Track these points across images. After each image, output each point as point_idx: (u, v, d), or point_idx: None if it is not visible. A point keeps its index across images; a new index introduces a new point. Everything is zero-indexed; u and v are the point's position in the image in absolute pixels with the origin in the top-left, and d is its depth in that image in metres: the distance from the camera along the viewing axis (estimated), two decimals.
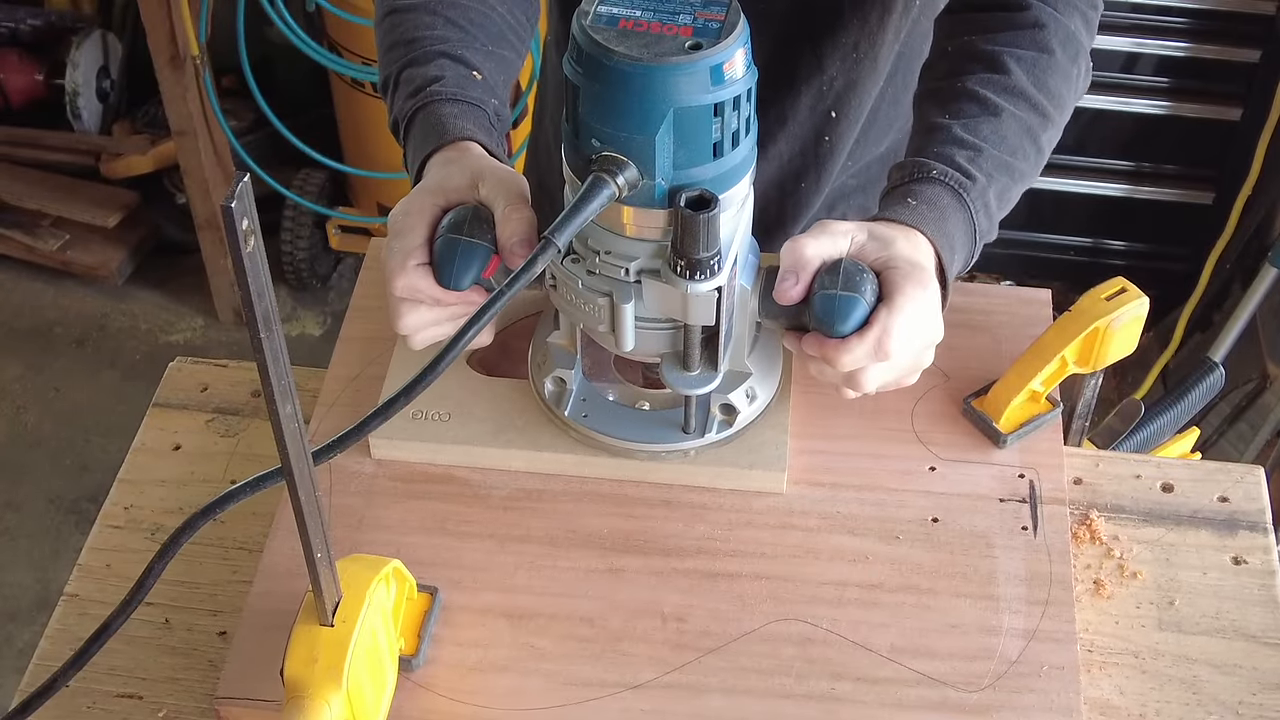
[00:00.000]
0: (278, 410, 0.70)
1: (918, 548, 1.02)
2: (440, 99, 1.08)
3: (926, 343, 0.99)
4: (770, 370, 1.07)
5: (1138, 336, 1.08)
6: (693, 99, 0.86)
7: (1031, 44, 1.10)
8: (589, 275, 0.95)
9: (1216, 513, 1.09)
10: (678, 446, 1.05)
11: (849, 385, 0.98)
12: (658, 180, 0.88)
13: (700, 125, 0.87)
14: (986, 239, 1.08)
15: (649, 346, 0.99)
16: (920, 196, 1.03)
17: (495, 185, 0.99)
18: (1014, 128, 1.08)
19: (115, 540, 1.08)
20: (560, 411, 1.06)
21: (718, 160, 0.89)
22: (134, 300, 3.16)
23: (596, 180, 0.88)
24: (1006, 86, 1.09)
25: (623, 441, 1.05)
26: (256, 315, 0.65)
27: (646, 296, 0.94)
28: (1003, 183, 1.07)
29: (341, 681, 0.82)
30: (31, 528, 2.69)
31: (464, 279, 0.97)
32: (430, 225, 0.99)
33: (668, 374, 1.00)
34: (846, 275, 0.95)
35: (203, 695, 0.98)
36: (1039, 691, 0.93)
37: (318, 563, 0.80)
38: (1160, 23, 2.61)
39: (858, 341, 0.94)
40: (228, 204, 0.59)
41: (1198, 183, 2.79)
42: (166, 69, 2.67)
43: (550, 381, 1.07)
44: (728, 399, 1.04)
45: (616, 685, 0.94)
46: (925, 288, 0.96)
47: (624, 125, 0.87)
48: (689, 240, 0.88)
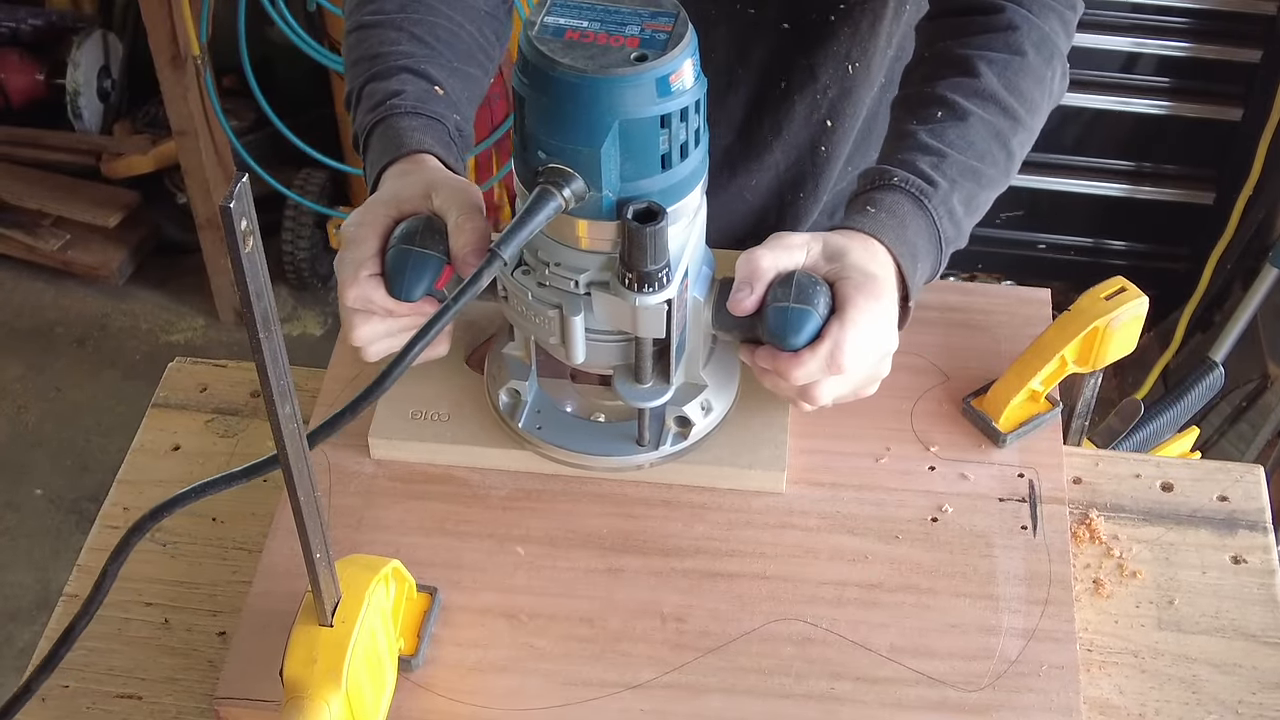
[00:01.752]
0: (277, 411, 0.70)
1: (917, 547, 1.02)
2: (400, 112, 1.08)
3: (881, 354, 0.98)
4: (727, 382, 1.06)
5: (1137, 336, 1.08)
6: (639, 111, 0.85)
7: (1004, 46, 1.09)
8: (539, 287, 0.95)
9: (1216, 512, 1.09)
10: (631, 460, 1.04)
11: (803, 399, 0.98)
12: (605, 192, 0.88)
13: (647, 137, 0.86)
14: (955, 245, 1.07)
15: (601, 359, 0.98)
16: (880, 204, 1.02)
17: (449, 196, 0.99)
18: (982, 132, 1.07)
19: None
20: (514, 423, 1.06)
21: (666, 172, 0.89)
22: (135, 300, 3.16)
23: (543, 192, 0.87)
24: (976, 90, 1.08)
25: (576, 454, 1.05)
26: (255, 316, 0.65)
27: (596, 309, 0.94)
28: (968, 188, 1.06)
29: (341, 682, 0.82)
30: (32, 527, 2.69)
31: (415, 290, 0.96)
32: (382, 236, 0.99)
33: (620, 387, 1.00)
34: (799, 288, 0.94)
35: (202, 695, 0.98)
36: (1038, 691, 0.93)
37: (317, 563, 0.80)
38: (1160, 23, 2.61)
39: (810, 355, 0.94)
40: (226, 204, 0.60)
41: (1198, 183, 2.79)
42: (167, 69, 2.67)
43: (504, 393, 1.06)
44: (683, 411, 1.03)
45: (616, 685, 0.94)
46: (879, 299, 0.96)
47: (570, 137, 0.86)
48: (636, 253, 0.88)
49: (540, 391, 1.07)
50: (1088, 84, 2.67)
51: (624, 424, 1.06)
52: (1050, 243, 2.93)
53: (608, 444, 1.05)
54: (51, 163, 3.18)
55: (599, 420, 1.07)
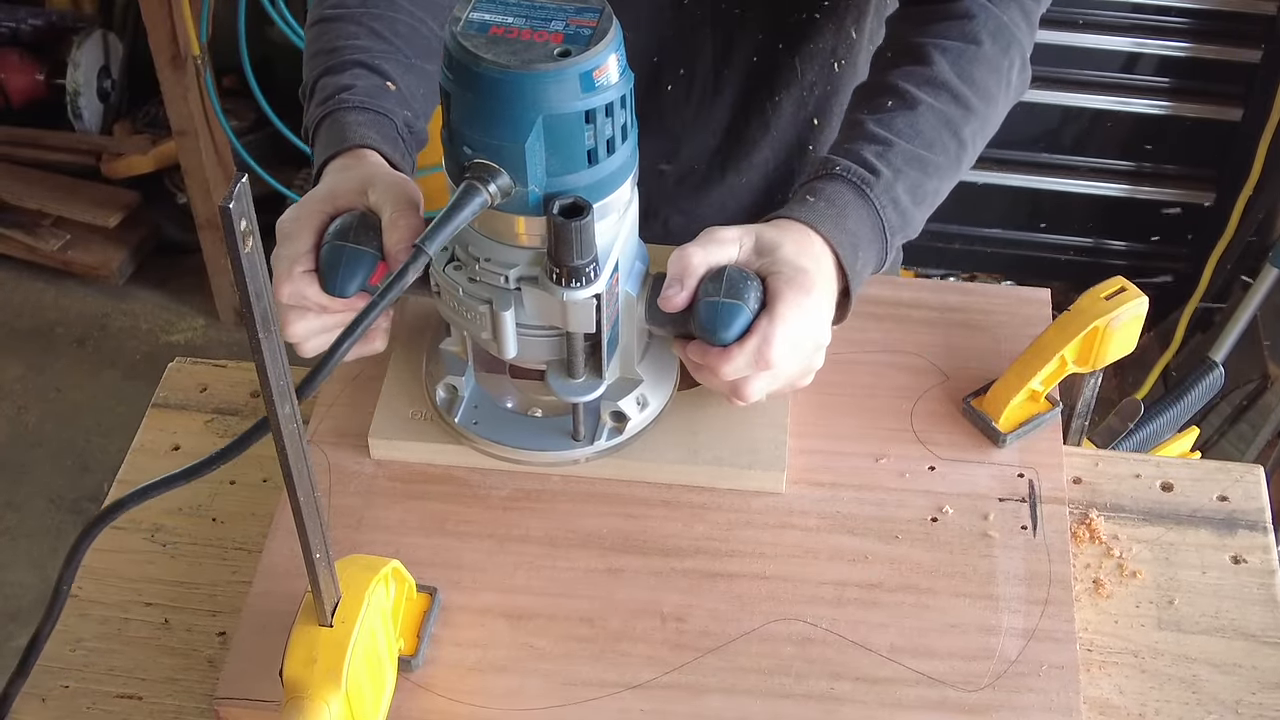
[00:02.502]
0: (276, 411, 0.70)
1: (917, 547, 1.02)
2: (347, 107, 1.08)
3: (814, 347, 0.98)
4: (663, 377, 1.06)
5: (1137, 336, 1.08)
6: (563, 106, 0.85)
7: (959, 35, 1.09)
8: (470, 283, 0.95)
9: (1216, 512, 1.09)
10: (567, 455, 1.04)
11: (734, 394, 0.98)
12: (531, 187, 0.88)
13: (572, 132, 0.87)
14: (904, 234, 1.06)
15: (533, 354, 0.99)
16: (821, 194, 1.02)
17: (384, 191, 0.99)
18: (931, 120, 1.06)
19: (115, 541, 1.08)
20: (451, 418, 1.06)
21: (593, 167, 0.89)
22: (135, 300, 3.16)
23: (468, 187, 0.87)
24: (928, 78, 1.07)
25: (511, 449, 1.05)
26: (255, 316, 0.65)
27: (527, 304, 0.94)
28: (914, 177, 1.05)
29: (341, 682, 0.82)
30: (32, 527, 2.69)
31: (349, 286, 0.96)
32: (317, 231, 0.99)
33: (553, 382, 1.00)
34: (730, 282, 0.94)
35: (202, 696, 0.98)
36: (1038, 691, 0.93)
37: (316, 563, 0.80)
38: (1160, 23, 2.61)
39: (738, 351, 0.94)
40: (226, 205, 0.60)
41: (1198, 183, 2.79)
42: (167, 69, 2.67)
43: (442, 388, 1.06)
44: (618, 406, 1.03)
45: (616, 685, 0.94)
46: (808, 293, 0.95)
47: (494, 133, 0.86)
48: (563, 248, 0.88)
49: (478, 387, 1.07)
50: (1088, 84, 2.67)
51: (560, 419, 1.05)
52: (1050, 243, 2.93)
53: (543, 439, 1.05)
54: (52, 163, 3.19)
55: (536, 415, 1.07)
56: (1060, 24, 2.60)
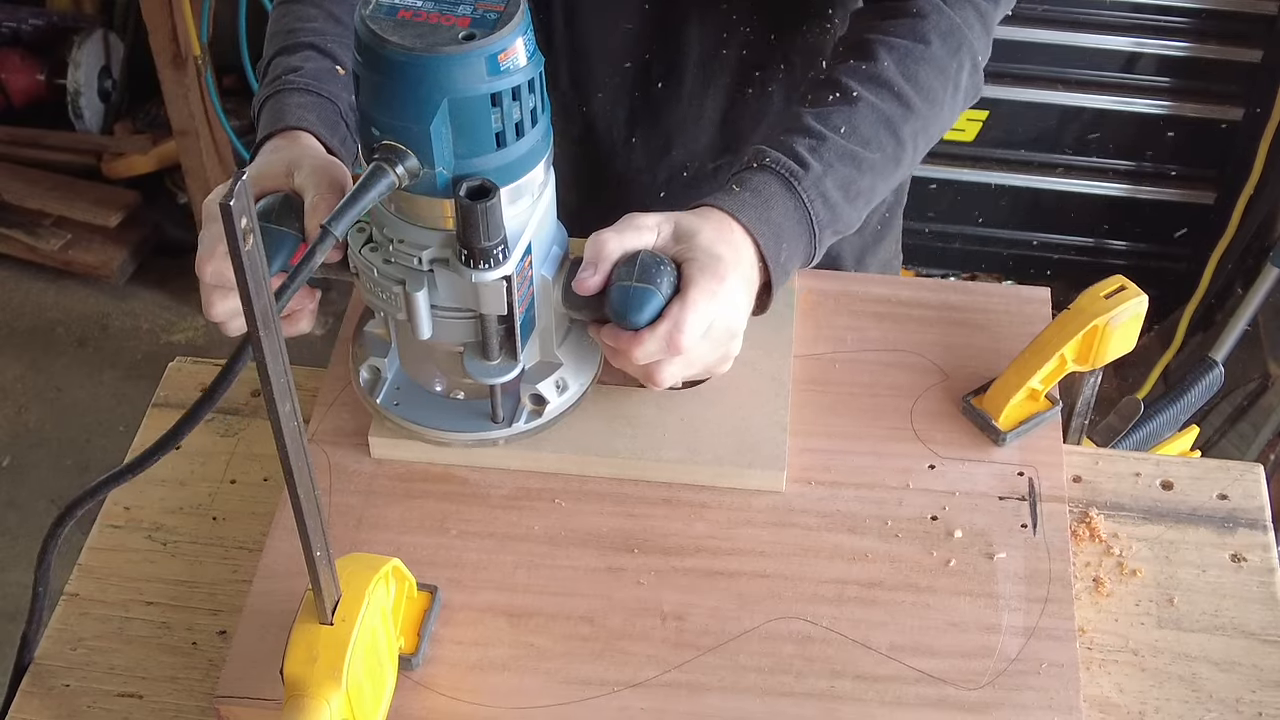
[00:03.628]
0: (277, 409, 0.70)
1: (917, 546, 1.02)
2: (290, 88, 1.09)
3: (726, 334, 0.99)
4: (584, 361, 1.07)
5: (1137, 334, 1.08)
6: (468, 89, 0.86)
7: (909, 33, 1.09)
8: (385, 264, 0.96)
9: (1216, 510, 1.09)
10: (486, 435, 1.05)
11: (647, 379, 0.99)
12: (439, 169, 0.89)
13: (478, 115, 0.88)
14: (834, 229, 1.07)
15: (450, 335, 1.00)
16: (747, 184, 1.03)
17: (309, 174, 1.00)
18: (869, 118, 1.06)
19: (115, 540, 1.08)
20: (374, 399, 1.07)
21: (501, 150, 0.90)
22: (135, 300, 3.16)
23: (376, 169, 0.88)
24: (871, 75, 1.07)
25: (431, 430, 1.05)
26: (255, 314, 0.65)
27: (440, 285, 0.95)
28: (845, 173, 1.05)
29: (341, 680, 0.82)
30: (32, 527, 2.69)
31: (270, 266, 0.97)
32: None
33: (469, 364, 1.01)
34: (642, 267, 0.96)
35: (203, 694, 0.98)
36: (1038, 689, 0.93)
37: (317, 561, 0.80)
38: (1161, 23, 2.61)
39: (649, 335, 0.95)
40: (226, 202, 0.60)
41: (1199, 183, 2.79)
42: (168, 69, 2.67)
43: (365, 369, 1.08)
44: (537, 389, 1.04)
45: (616, 684, 0.94)
46: (722, 280, 0.96)
47: (400, 115, 0.87)
48: (470, 230, 0.90)
49: (400, 369, 1.08)
50: (1088, 84, 2.67)
51: (482, 401, 1.06)
52: (1051, 242, 2.93)
53: (463, 420, 1.06)
54: (52, 162, 3.19)
55: (458, 398, 1.08)
56: (1060, 24, 2.60)
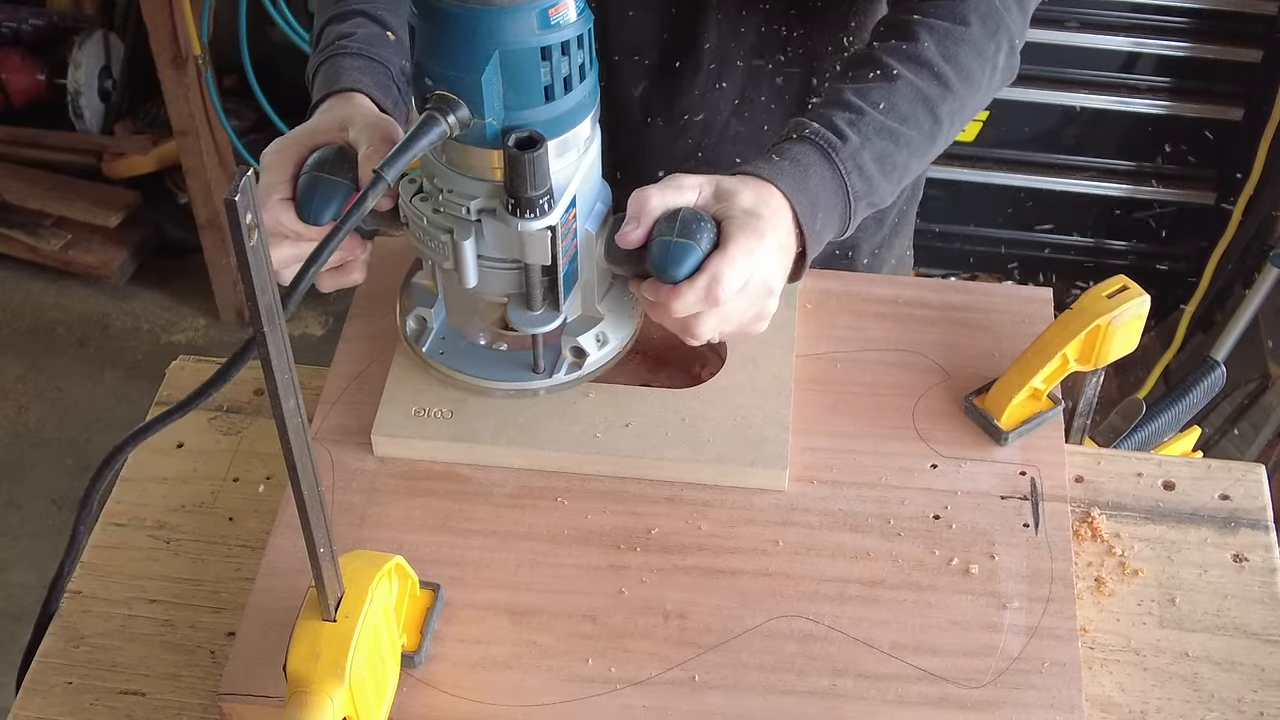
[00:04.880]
0: (281, 405, 0.70)
1: (919, 545, 1.02)
2: (344, 53, 1.13)
3: (763, 291, 1.00)
4: (624, 317, 1.09)
5: (1139, 334, 1.08)
6: (519, 42, 0.89)
7: (948, 15, 1.11)
8: (434, 213, 0.99)
9: (1217, 510, 1.09)
10: (527, 385, 1.08)
11: (685, 333, 1.00)
12: (489, 120, 0.92)
13: (528, 68, 0.91)
14: (870, 200, 1.08)
15: (495, 285, 1.02)
16: (786, 154, 1.05)
17: (363, 127, 1.03)
18: (908, 95, 1.08)
19: (118, 538, 1.08)
20: (419, 348, 1.10)
21: (550, 104, 0.93)
22: (136, 300, 3.16)
23: (428, 118, 0.91)
24: (911, 54, 1.09)
25: (474, 379, 1.08)
26: (260, 309, 0.65)
27: (486, 234, 0.98)
28: (882, 146, 1.07)
29: (344, 677, 0.82)
30: (34, 527, 2.69)
31: (323, 214, 1.01)
32: (296, 163, 1.04)
33: (512, 313, 1.03)
34: (683, 223, 0.98)
35: (206, 692, 0.98)
36: (1040, 688, 0.93)
37: (320, 558, 0.80)
38: (1161, 23, 2.61)
39: (688, 287, 0.96)
40: (231, 198, 0.60)
41: (1198, 183, 2.79)
42: (168, 69, 2.67)
43: (412, 319, 1.11)
44: (577, 342, 1.06)
45: (618, 682, 0.94)
46: (760, 237, 0.98)
47: (453, 65, 0.90)
48: (517, 179, 0.92)
49: (445, 320, 1.11)
50: (1088, 84, 2.67)
51: (523, 353, 1.09)
52: (1051, 243, 2.93)
53: (505, 370, 1.09)
54: (53, 163, 3.19)
55: (501, 349, 1.10)
56: (1060, 24, 2.60)
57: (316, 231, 1.01)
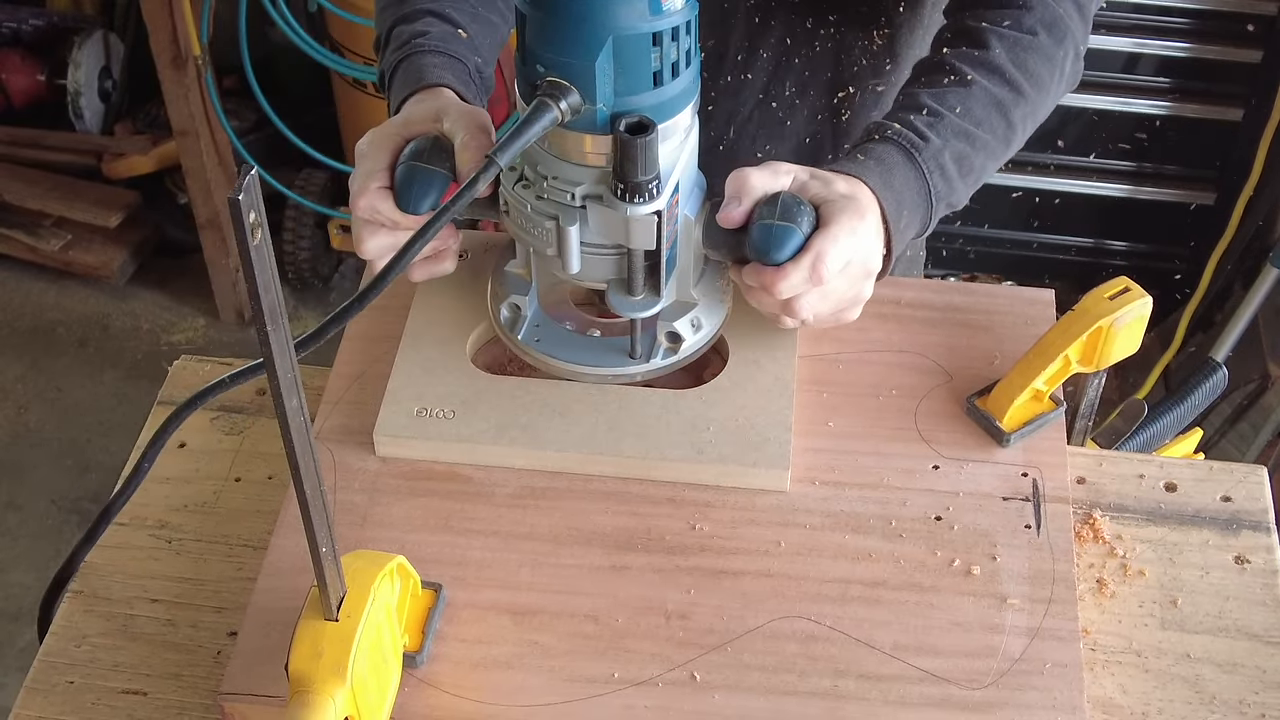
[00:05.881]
0: (283, 403, 0.70)
1: (921, 546, 1.02)
2: (423, 50, 1.14)
3: (863, 272, 1.02)
4: (716, 302, 1.10)
5: (1141, 336, 1.08)
6: (631, 27, 0.91)
7: (1015, 25, 1.13)
8: (538, 200, 1.00)
9: (1219, 512, 1.09)
10: (624, 370, 1.09)
11: (786, 313, 1.02)
12: (599, 106, 0.93)
13: (639, 53, 0.92)
14: (948, 200, 1.10)
15: (595, 271, 1.03)
16: (870, 154, 1.06)
17: (457, 118, 1.04)
18: (983, 100, 1.10)
19: (120, 537, 1.08)
20: (514, 336, 1.10)
21: (658, 89, 0.94)
22: (136, 300, 3.16)
23: (540, 104, 0.92)
24: (983, 61, 1.11)
25: (571, 365, 1.09)
26: (263, 308, 0.65)
27: (591, 220, 0.99)
28: (960, 148, 1.09)
29: (346, 676, 0.82)
30: (34, 528, 2.69)
31: (422, 203, 1.02)
32: (393, 153, 1.05)
33: (613, 298, 1.04)
34: (784, 206, 0.99)
35: (207, 691, 0.98)
36: (1042, 689, 0.93)
37: (323, 557, 0.80)
38: (1161, 23, 2.61)
39: (793, 267, 0.98)
40: (235, 197, 0.60)
41: (1198, 183, 2.79)
42: (168, 69, 2.67)
43: (505, 307, 1.11)
44: (673, 327, 1.07)
45: (620, 682, 0.94)
46: (862, 218, 1.00)
47: (566, 51, 0.92)
48: (628, 164, 0.93)
49: (539, 308, 1.12)
50: (1088, 84, 2.64)
51: (618, 339, 1.10)
52: (1051, 243, 2.94)
53: (601, 356, 1.09)
54: (53, 163, 3.19)
55: (594, 335, 1.11)
56: None
57: (413, 220, 1.02)
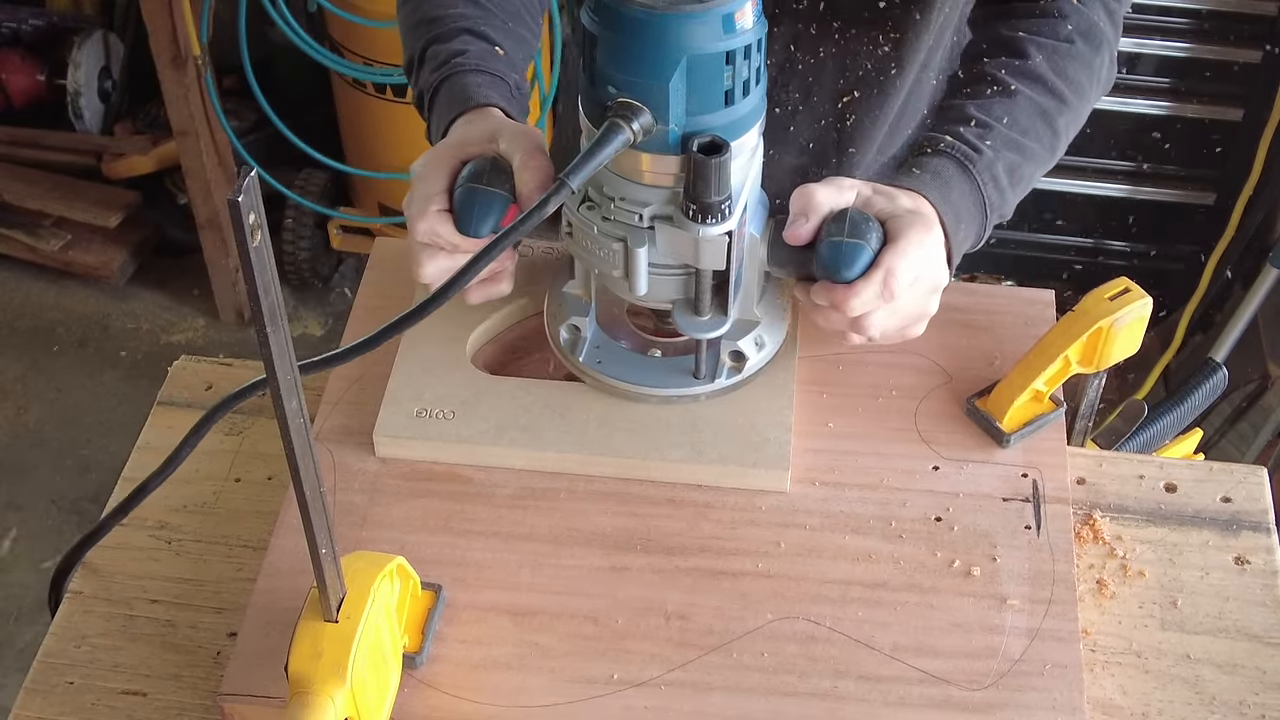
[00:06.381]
0: (283, 405, 0.70)
1: (921, 546, 1.02)
2: (464, 70, 1.12)
3: (931, 286, 1.02)
4: (778, 319, 1.10)
5: (1141, 337, 1.08)
6: (705, 47, 0.90)
7: (1052, 33, 1.14)
8: (604, 221, 0.99)
9: (1219, 513, 1.09)
10: (689, 391, 1.08)
11: (854, 330, 1.01)
12: (671, 126, 0.92)
13: (713, 73, 0.91)
14: (1000, 212, 1.10)
15: (662, 292, 1.02)
16: (925, 167, 1.06)
17: (513, 138, 1.03)
18: (1028, 109, 1.11)
19: (119, 538, 1.08)
20: (575, 358, 1.09)
21: (729, 108, 0.93)
22: (135, 300, 3.16)
23: (612, 125, 0.91)
24: (1025, 70, 1.12)
25: (636, 386, 1.08)
26: (263, 310, 0.65)
27: (660, 241, 0.97)
28: (1011, 159, 1.09)
29: (346, 677, 0.82)
30: (34, 528, 2.69)
31: (483, 226, 1.01)
32: (450, 175, 1.03)
33: (679, 319, 1.03)
34: (852, 223, 0.98)
35: (207, 692, 0.98)
36: (1042, 690, 0.93)
37: (322, 558, 0.80)
38: (1161, 23, 2.61)
39: (864, 283, 0.97)
40: (235, 199, 0.60)
41: (1199, 183, 2.79)
42: (168, 69, 2.67)
43: (565, 329, 1.10)
44: (737, 346, 1.06)
45: (620, 683, 0.94)
46: (930, 231, 0.99)
47: (639, 72, 0.90)
48: (701, 184, 0.92)
49: (599, 329, 1.11)
50: None
51: (679, 359, 1.09)
52: (1050, 243, 2.93)
53: (666, 377, 1.08)
54: (52, 163, 3.18)
55: (655, 356, 1.10)
56: None
57: (473, 243, 1.01)
